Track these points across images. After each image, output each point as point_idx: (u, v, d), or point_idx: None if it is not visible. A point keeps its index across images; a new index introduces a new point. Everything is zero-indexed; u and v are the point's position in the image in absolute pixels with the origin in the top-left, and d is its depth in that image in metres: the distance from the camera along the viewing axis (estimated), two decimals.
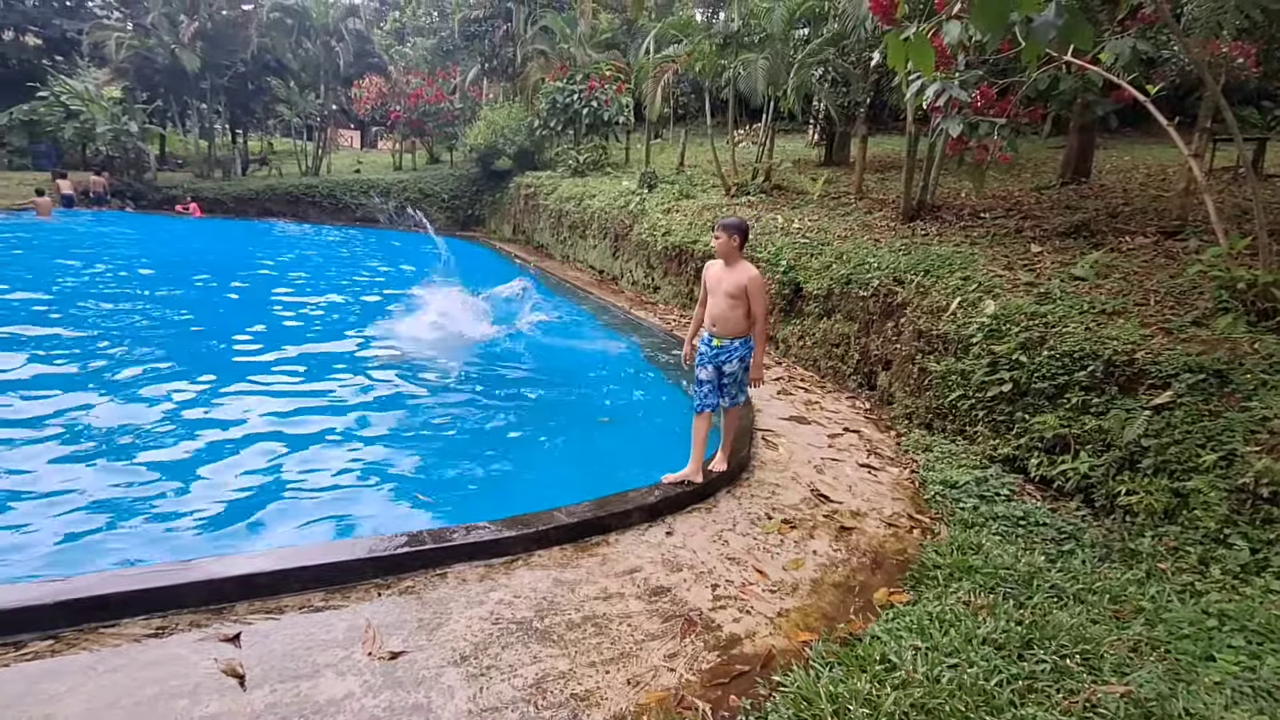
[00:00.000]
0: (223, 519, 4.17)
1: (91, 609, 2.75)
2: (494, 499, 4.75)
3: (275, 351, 7.51)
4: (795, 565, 3.76)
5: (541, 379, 7.37)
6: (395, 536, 3.41)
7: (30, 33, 26.38)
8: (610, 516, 3.87)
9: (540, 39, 19.48)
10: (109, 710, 2.37)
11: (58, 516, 4.04)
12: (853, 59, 10.53)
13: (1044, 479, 4.70)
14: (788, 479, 4.81)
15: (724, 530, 4.03)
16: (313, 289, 11.65)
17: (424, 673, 2.68)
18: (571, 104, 16.84)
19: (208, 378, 6.45)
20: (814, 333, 7.41)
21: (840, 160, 13.28)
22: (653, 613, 3.20)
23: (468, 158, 21.96)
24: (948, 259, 6.38)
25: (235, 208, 21.34)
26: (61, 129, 21.09)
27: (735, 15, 10.68)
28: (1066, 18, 3.19)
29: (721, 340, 4.26)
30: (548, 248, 16.17)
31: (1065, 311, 5.07)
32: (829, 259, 7.43)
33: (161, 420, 5.46)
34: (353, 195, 22.09)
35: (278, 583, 3.01)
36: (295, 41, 24.08)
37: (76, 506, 4.16)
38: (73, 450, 4.84)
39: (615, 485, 4.21)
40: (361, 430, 5.63)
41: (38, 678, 2.48)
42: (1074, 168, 9.23)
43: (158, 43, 21.25)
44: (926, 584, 3.52)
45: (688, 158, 15.65)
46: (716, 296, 4.24)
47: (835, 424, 6.02)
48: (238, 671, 2.59)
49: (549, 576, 3.39)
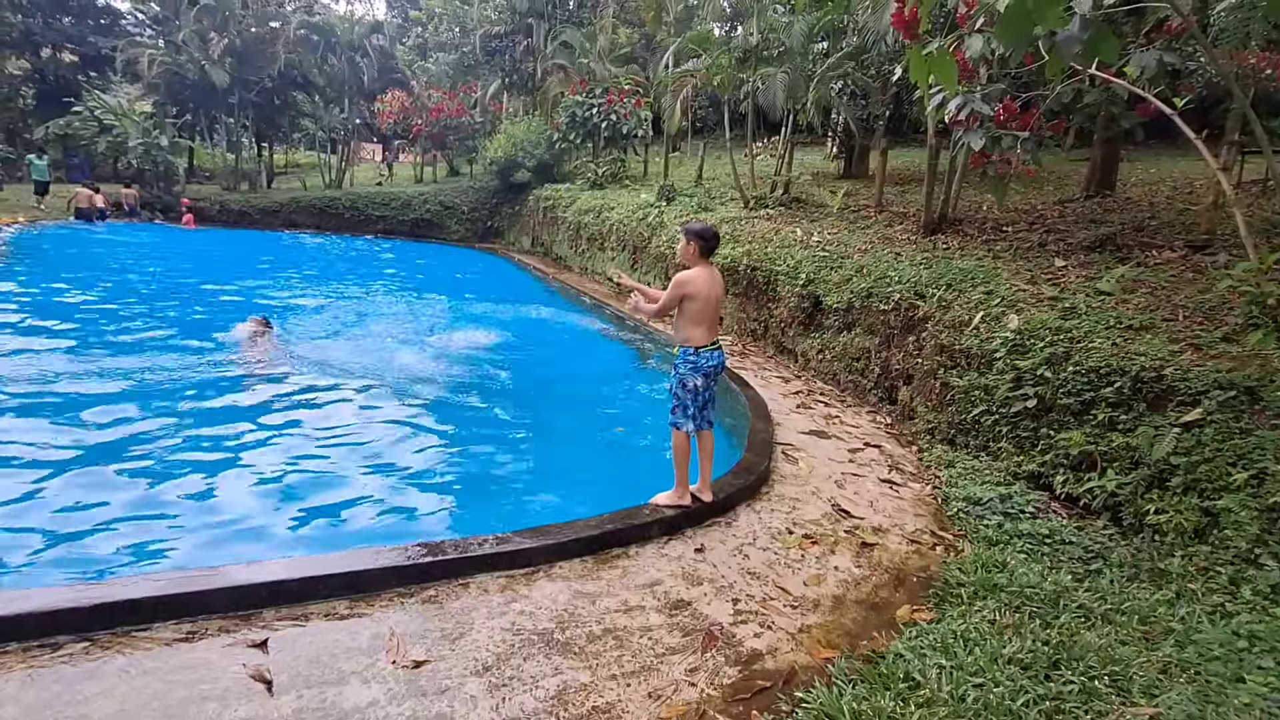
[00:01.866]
0: (248, 526, 4.23)
1: (124, 613, 2.80)
2: (513, 509, 4.79)
3: (294, 362, 7.63)
4: (816, 581, 3.73)
5: (557, 391, 7.42)
6: (418, 545, 3.44)
7: (67, 49, 27.21)
8: (630, 529, 3.88)
9: (560, 54, 19.74)
10: (141, 712, 2.41)
11: (88, 521, 4.13)
12: (872, 72, 10.56)
13: (1070, 496, 4.63)
14: (808, 494, 4.78)
15: (744, 545, 4.01)
16: (310, 295, 11.83)
17: (446, 682, 2.69)
18: (590, 118, 17.01)
19: (226, 382, 6.57)
20: (834, 346, 7.38)
21: (860, 173, 13.27)
22: (673, 626, 3.19)
23: (488, 171, 22.24)
24: (970, 273, 6.34)
25: (261, 219, 21.77)
26: (95, 142, 21.71)
27: (755, 30, 10.75)
28: (1091, 30, 3.19)
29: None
30: (566, 260, 16.29)
31: (1091, 326, 5.01)
32: (849, 272, 7.42)
33: (186, 425, 5.57)
34: (375, 208, 22.44)
35: (304, 590, 3.05)
36: (321, 57, 24.63)
37: (105, 512, 4.25)
38: (98, 458, 4.95)
39: (633, 498, 4.22)
40: (383, 440, 5.69)
41: (74, 679, 2.53)
42: (1098, 181, 9.14)
43: (188, 59, 21.82)
44: (950, 602, 3.48)
45: (706, 171, 15.72)
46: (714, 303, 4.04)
47: (856, 439, 5.98)
48: (265, 677, 2.62)
49: (569, 588, 3.40)
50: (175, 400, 6.13)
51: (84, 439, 5.19)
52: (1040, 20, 2.85)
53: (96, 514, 4.22)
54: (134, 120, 21.69)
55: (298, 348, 8.10)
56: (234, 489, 4.67)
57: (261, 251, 17.16)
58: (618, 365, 8.75)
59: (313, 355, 7.86)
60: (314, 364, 7.53)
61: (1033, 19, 2.79)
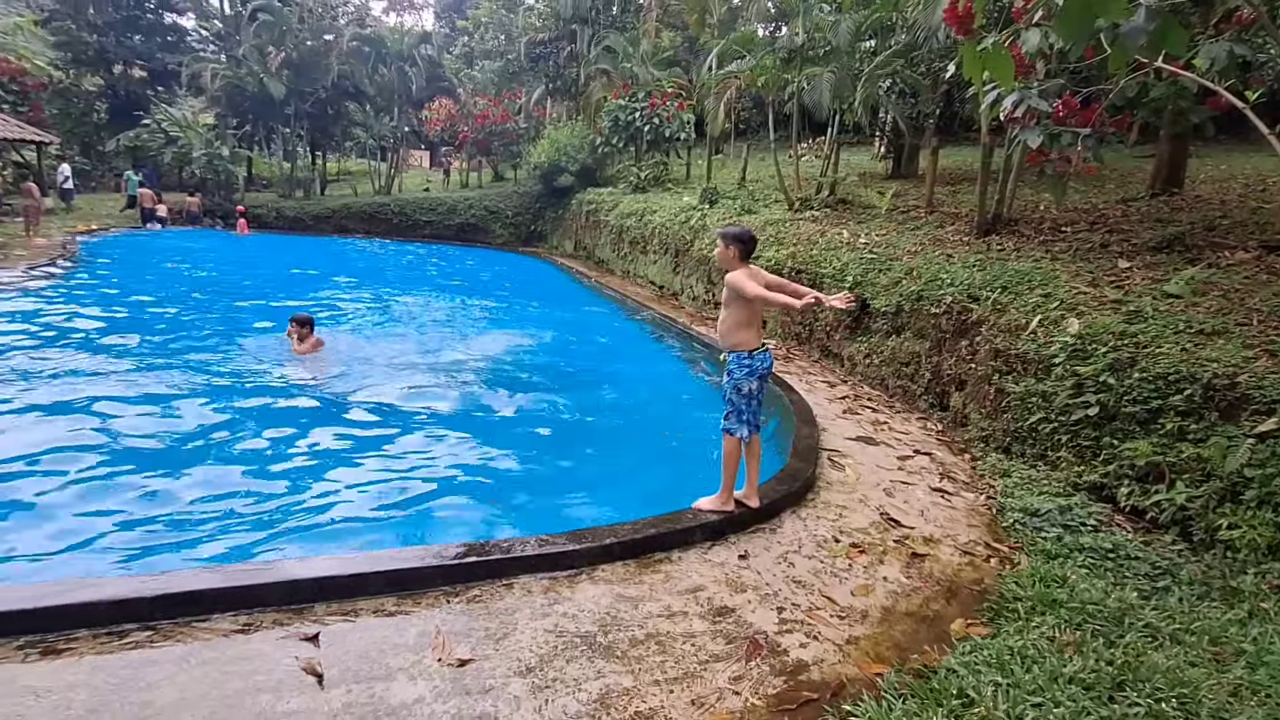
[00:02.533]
0: (298, 522, 4.35)
1: (185, 604, 2.91)
2: (554, 511, 4.81)
3: (346, 365, 7.84)
4: (865, 591, 3.64)
5: (601, 394, 7.44)
6: (463, 545, 3.49)
7: (137, 66, 28.70)
8: (672, 534, 3.85)
9: (603, 59, 19.88)
10: (200, 701, 2.49)
11: (148, 513, 4.32)
12: (922, 70, 10.31)
13: (1135, 509, 4.41)
14: (855, 501, 4.67)
15: (789, 552, 3.94)
16: (362, 298, 12.13)
17: (491, 682, 2.71)
18: (633, 121, 17.07)
19: (279, 382, 6.79)
20: (882, 350, 7.21)
21: (909, 173, 12.96)
22: (716, 633, 3.15)
23: (531, 175, 22.54)
24: (1027, 275, 6.12)
25: (314, 225, 22.53)
26: (162, 153, 22.81)
27: (800, 29, 10.62)
28: (1158, 22, 3.03)
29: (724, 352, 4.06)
30: (608, 263, 16.36)
31: (1158, 331, 4.76)
32: (898, 275, 7.24)
33: (235, 424, 5.76)
34: (422, 213, 22.97)
35: (354, 586, 3.12)
36: (372, 68, 25.37)
37: (162, 506, 4.43)
38: (157, 453, 5.17)
39: (677, 502, 4.19)
40: (427, 440, 5.80)
41: (139, 665, 2.64)
42: (1165, 178, 8.71)
43: (248, 72, 22.76)
44: (1006, 617, 3.34)
45: (749, 173, 15.59)
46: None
47: (905, 445, 5.82)
48: (316, 670, 2.69)
49: (612, 591, 3.39)
50: (223, 399, 6.35)
51: (143, 435, 5.43)
52: (1103, 12, 2.72)
53: (154, 507, 4.40)
54: (198, 132, 22.74)
55: (344, 348, 8.33)
56: (283, 486, 4.81)
57: (312, 255, 17.75)
58: (662, 369, 8.74)
59: (358, 355, 8.06)
60: (359, 364, 7.72)
61: (1094, 11, 2.67)
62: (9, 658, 2.62)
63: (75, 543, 3.96)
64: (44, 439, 5.16)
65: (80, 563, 3.77)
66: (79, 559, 3.81)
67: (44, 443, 5.11)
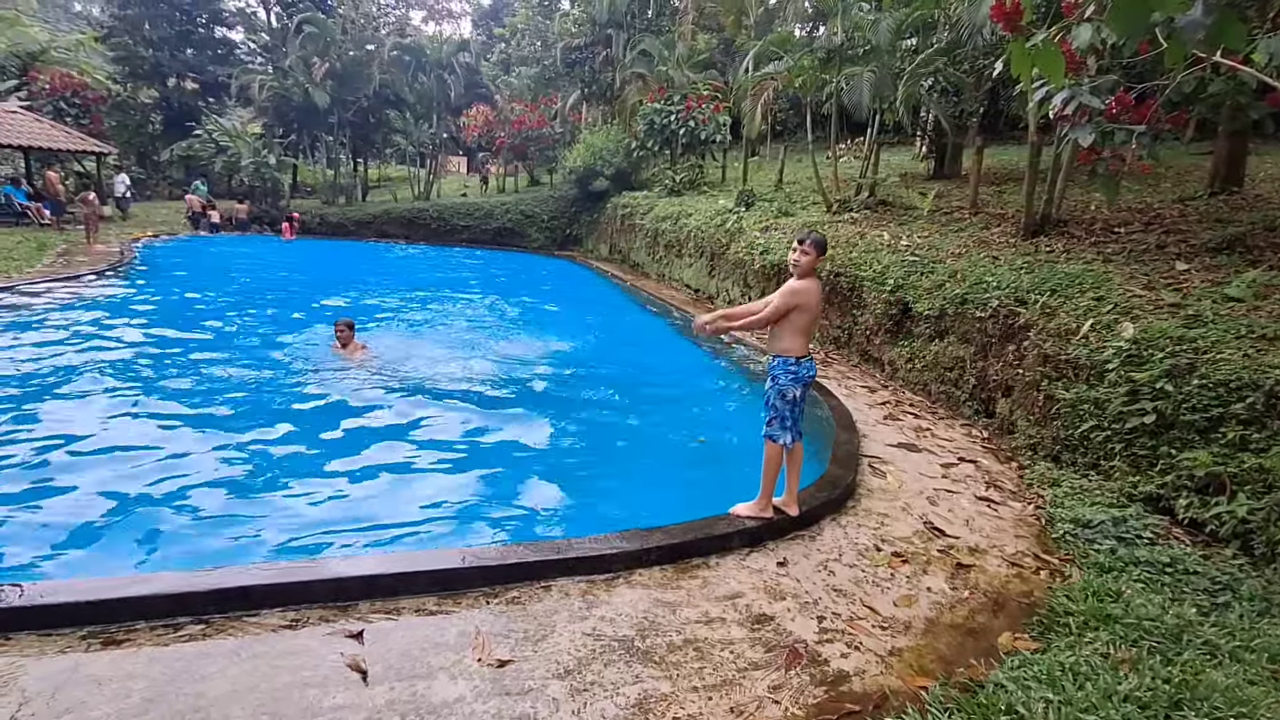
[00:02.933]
0: (341, 521, 4.44)
1: (237, 599, 3.00)
2: (593, 514, 4.82)
3: (379, 368, 8.00)
4: (908, 602, 3.56)
5: (637, 397, 7.44)
6: (503, 548, 3.52)
7: (189, 78, 29.86)
8: (710, 539, 3.82)
9: (639, 62, 19.93)
10: (250, 693, 2.57)
11: (199, 509, 4.46)
12: (966, 68, 10.08)
13: (1194, 522, 4.22)
14: (897, 509, 4.58)
15: (829, 560, 3.88)
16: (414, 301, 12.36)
17: (530, 683, 2.73)
18: (668, 124, 17.07)
19: (322, 384, 6.96)
20: (924, 355, 7.05)
21: (952, 173, 12.68)
22: (755, 641, 3.12)
23: (566, 180, 22.72)
24: (1077, 277, 5.92)
25: (356, 230, 23.11)
26: (213, 162, 23.66)
27: (839, 29, 10.50)
28: (1216, 15, 2.90)
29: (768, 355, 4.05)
30: (643, 266, 16.38)
31: (1219, 336, 4.56)
32: (941, 277, 7.08)
33: (285, 424, 5.92)
34: (459, 218, 23.35)
35: (397, 584, 3.18)
36: (412, 76, 25.92)
37: (211, 503, 4.57)
38: (207, 454, 5.34)
39: (713, 507, 4.16)
40: (465, 442, 5.87)
41: (193, 658, 2.73)
42: (1224, 176, 8.34)
43: (294, 83, 23.49)
44: (1057, 631, 3.24)
45: (787, 175, 15.45)
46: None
47: (949, 453, 5.68)
48: (361, 667, 2.74)
49: (649, 596, 3.38)
50: (268, 400, 6.54)
51: (194, 435, 5.62)
52: (1158, 6, 2.62)
53: (203, 504, 4.54)
54: (246, 141, 23.55)
55: (386, 352, 8.50)
56: (327, 486, 4.92)
57: (353, 260, 18.20)
58: (698, 373, 8.70)
59: (399, 358, 8.21)
60: (400, 367, 7.86)
61: (1150, 5, 2.57)
62: (73, 647, 2.73)
63: (124, 538, 4.10)
64: (102, 438, 5.39)
65: (133, 557, 3.91)
66: (129, 552, 3.95)
67: (103, 442, 5.33)
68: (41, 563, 3.79)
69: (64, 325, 8.85)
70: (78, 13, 50.79)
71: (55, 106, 22.09)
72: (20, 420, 5.58)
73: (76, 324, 8.97)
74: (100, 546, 4.01)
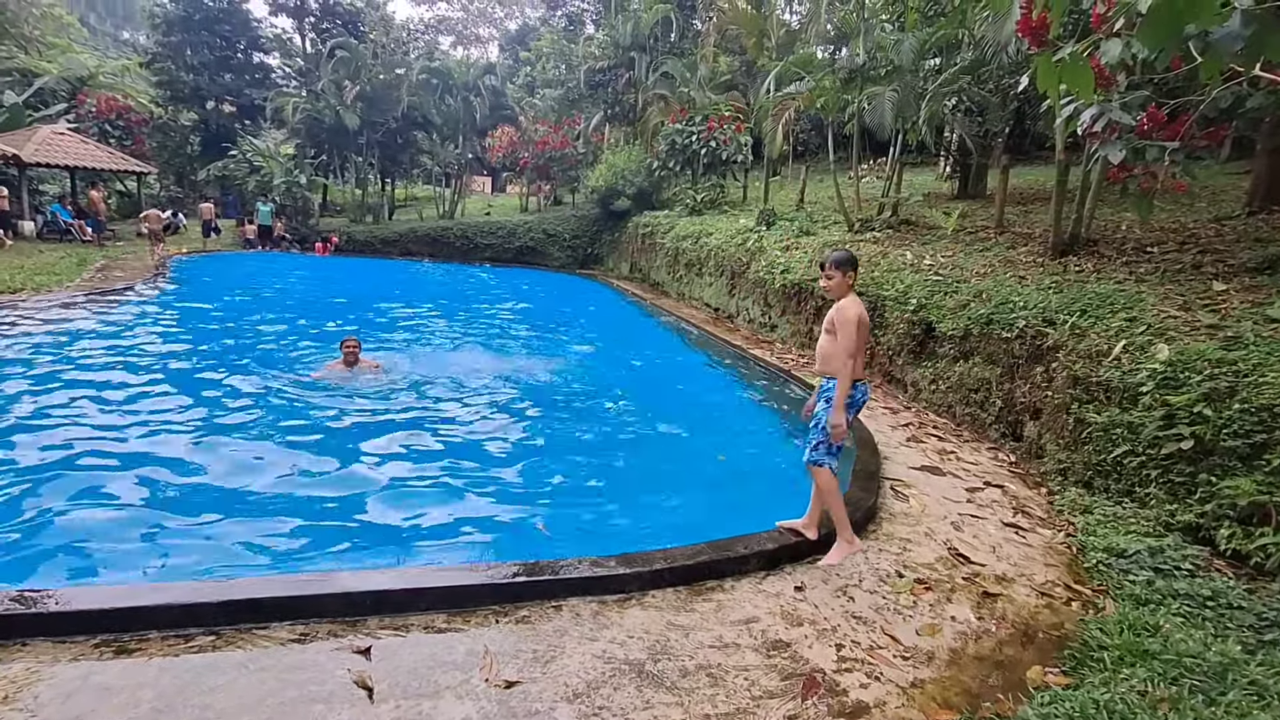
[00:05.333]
0: (353, 534, 4.43)
1: (246, 611, 2.98)
2: (606, 533, 4.74)
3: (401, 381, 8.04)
4: (931, 631, 3.43)
5: (656, 415, 7.37)
6: (514, 565, 3.46)
7: (227, 101, 30.85)
8: (725, 561, 3.73)
9: (661, 84, 20.14)
10: (257, 707, 2.53)
11: (206, 520, 4.47)
12: (990, 86, 10.00)
13: (1237, 553, 4.02)
14: (920, 534, 4.44)
15: (849, 585, 3.76)
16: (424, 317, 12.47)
17: (537, 706, 2.66)
18: (690, 144, 17.17)
19: (334, 400, 7.00)
20: (948, 376, 6.90)
21: (977, 193, 12.53)
22: (771, 668, 3.01)
23: (589, 199, 22.91)
24: (1108, 298, 5.76)
25: (383, 248, 23.51)
26: (246, 182, 24.30)
27: (860, 50, 10.49)
28: (1254, 27, 2.81)
29: (819, 377, 3.88)
30: (664, 285, 16.39)
31: (1261, 358, 4.38)
32: (966, 297, 6.94)
33: (296, 437, 5.96)
34: (483, 236, 23.65)
35: (406, 601, 3.14)
36: (439, 99, 26.45)
37: (222, 514, 4.58)
38: (218, 466, 5.38)
39: (730, 528, 4.07)
40: (478, 458, 5.84)
41: (201, 670, 2.71)
42: (1264, 194, 8.10)
43: (325, 105, 24.12)
44: (1090, 666, 3.08)
45: (808, 194, 15.42)
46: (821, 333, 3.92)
47: (974, 477, 5.52)
48: (367, 684, 2.69)
49: (662, 618, 3.30)
50: (281, 414, 6.57)
51: (205, 446, 5.68)
52: (1193, 18, 2.53)
53: (212, 515, 4.54)
54: (279, 161, 24.18)
55: (398, 366, 8.55)
56: (335, 501, 4.89)
57: (380, 277, 18.48)
58: (716, 390, 8.62)
59: (414, 374, 8.24)
60: (415, 383, 7.88)
61: (1183, 18, 2.49)
62: (86, 655, 2.73)
63: (135, 547, 4.10)
64: (117, 447, 5.46)
65: (144, 565, 3.91)
66: (138, 561, 3.94)
67: (117, 449, 5.40)
68: (53, 569, 3.82)
69: (93, 335, 9.06)
70: (125, 40, 53.13)
71: (101, 128, 22.94)
72: (38, 430, 5.66)
73: (102, 336, 9.17)
74: (110, 554, 4.01)
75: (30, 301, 10.53)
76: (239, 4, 30.40)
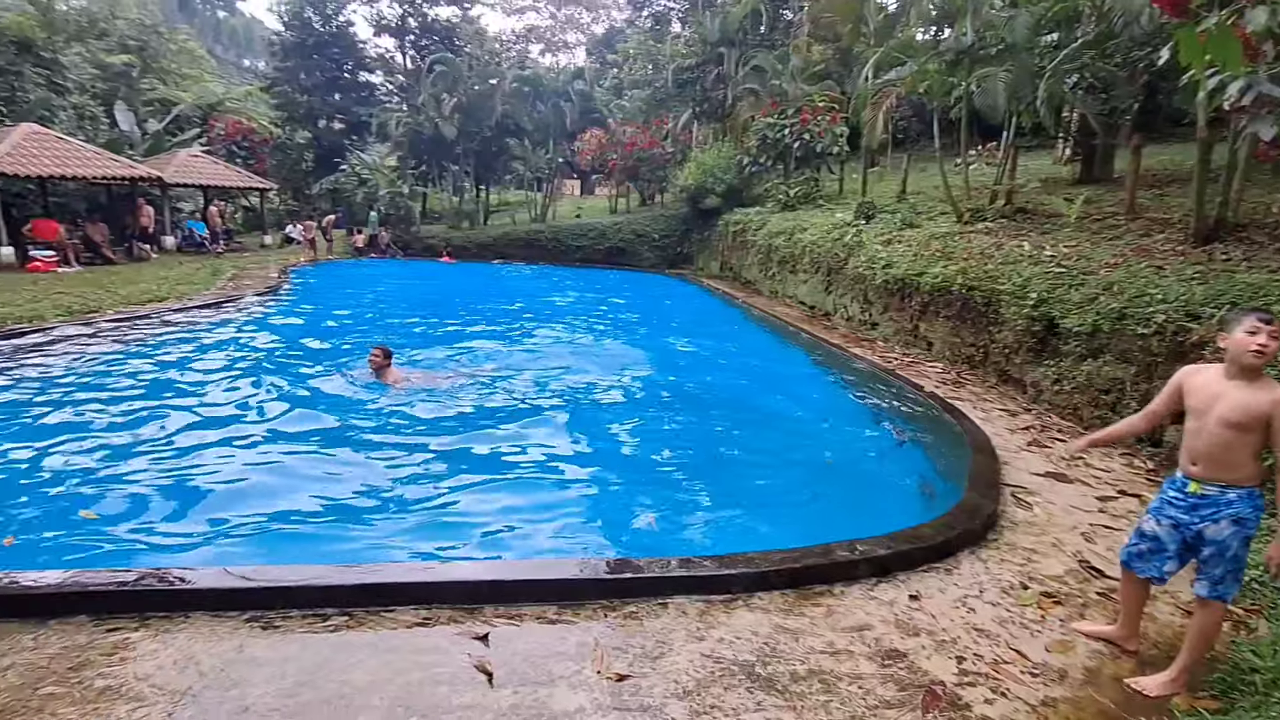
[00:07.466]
0: (461, 525, 4.61)
1: (376, 594, 3.19)
2: (710, 531, 4.73)
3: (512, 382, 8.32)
4: (1062, 648, 3.20)
5: (757, 413, 7.27)
6: (621, 561, 3.52)
7: (337, 119, 33.21)
8: (833, 566, 3.63)
9: (751, 78, 19.82)
10: (387, 685, 2.70)
11: (334, 508, 4.80)
12: (1117, 60, 9.19)
13: None
14: (1047, 545, 4.15)
15: (968, 596, 3.56)
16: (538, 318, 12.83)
17: (648, 700, 2.68)
18: (782, 138, 16.81)
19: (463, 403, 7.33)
20: (1074, 376, 6.39)
21: (1103, 177, 11.53)
22: (886, 678, 2.90)
23: (677, 198, 22.90)
24: (1262, 289, 5.17)
25: (478, 253, 24.51)
26: (355, 194, 26.01)
27: (967, 29, 9.89)
28: None
29: (1206, 486, 2.85)
30: (755, 283, 16.15)
31: None
32: (1094, 290, 6.40)
33: (416, 432, 6.28)
34: (574, 238, 24.18)
35: (519, 591, 3.25)
36: (530, 106, 27.28)
37: (348, 501, 4.91)
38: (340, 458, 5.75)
39: (837, 530, 3.96)
40: (577, 456, 5.96)
41: (337, 647, 2.92)
42: None
43: (425, 118, 25.41)
44: (1240, 690, 2.82)
45: (910, 185, 14.74)
46: (1205, 421, 2.84)
47: (1106, 485, 5.10)
48: (487, 669, 2.82)
49: (770, 621, 3.25)
50: (371, 414, 6.94)
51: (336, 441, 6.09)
52: None
53: (339, 502, 4.88)
54: (383, 173, 25.76)
55: (503, 364, 8.83)
56: (441, 493, 5.09)
57: (477, 280, 19.29)
58: (815, 390, 8.39)
59: (510, 374, 8.42)
60: (514, 383, 8.08)
61: None
62: (239, 629, 3.00)
63: (267, 530, 4.46)
64: (255, 443, 5.95)
65: (279, 548, 4.23)
66: (272, 544, 4.28)
67: (252, 443, 5.90)
68: (198, 550, 4.19)
69: (227, 340, 9.95)
70: (246, 67, 58.37)
71: (229, 150, 25.23)
72: (189, 428, 6.25)
73: (236, 338, 10.07)
74: (243, 538, 4.35)
75: (179, 307, 11.71)
76: (346, 27, 32.60)
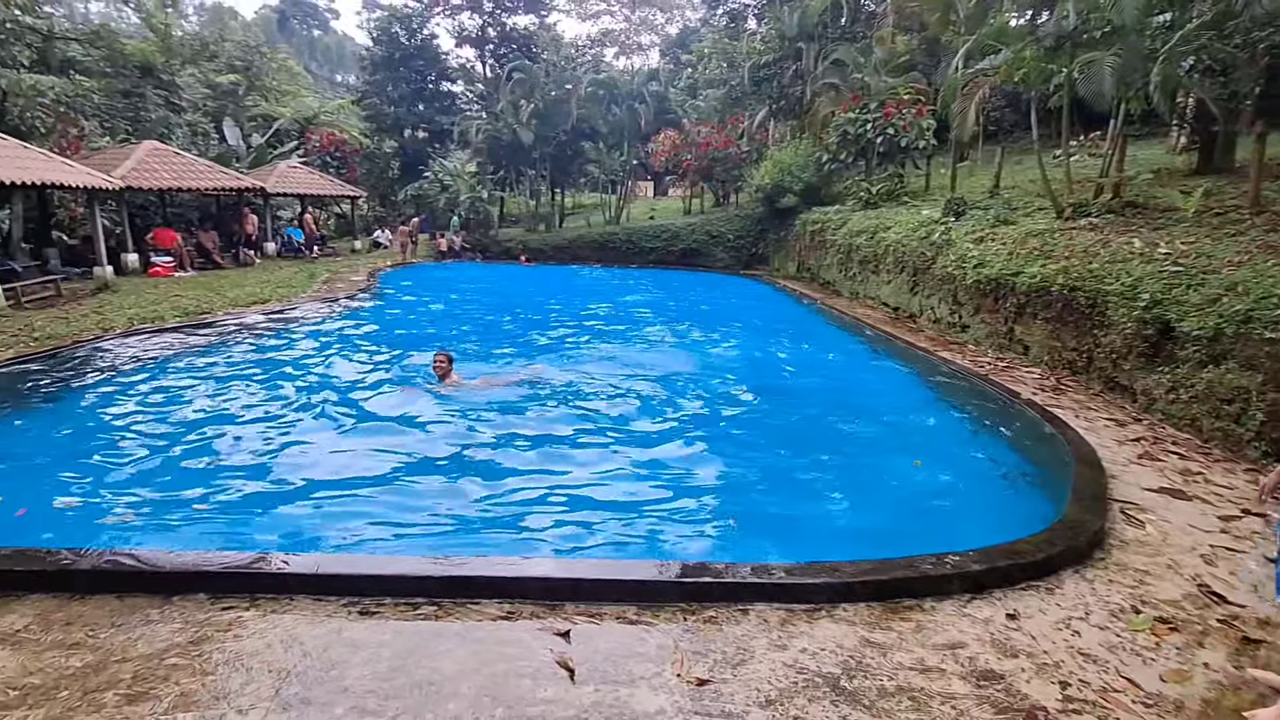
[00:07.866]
0: (537, 523, 4.70)
1: (463, 587, 3.29)
2: (793, 534, 4.64)
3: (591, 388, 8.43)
4: (1179, 678, 2.95)
5: (839, 418, 7.07)
6: (701, 565, 3.50)
7: (421, 128, 34.74)
8: (924, 579, 3.48)
9: (830, 72, 19.27)
10: (474, 675, 2.79)
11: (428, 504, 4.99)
12: (1237, 41, 8.39)
13: None
14: (1161, 566, 3.83)
15: (1072, 618, 3.33)
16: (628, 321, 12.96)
17: (730, 707, 2.65)
18: (864, 133, 16.27)
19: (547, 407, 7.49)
20: (1192, 384, 5.87)
21: (1224, 167, 10.54)
22: (982, 699, 2.75)
23: (753, 198, 22.58)
24: None
25: (554, 254, 25.01)
26: (438, 200, 27.09)
27: (1069, 12, 9.26)
28: None
29: None
30: (834, 284, 15.71)
31: None
32: (1215, 290, 5.86)
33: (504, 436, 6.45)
34: (647, 240, 24.27)
35: (599, 591, 3.29)
36: (605, 109, 27.56)
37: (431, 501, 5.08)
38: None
39: (926, 539, 3.79)
40: (654, 460, 5.95)
41: (427, 635, 3.04)
42: None
43: (504, 125, 26.14)
44: None
45: (1004, 179, 13.95)
46: None
47: (1229, 503, 4.66)
48: (569, 665, 2.86)
49: (855, 634, 3.15)
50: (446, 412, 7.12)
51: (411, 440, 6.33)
52: None
53: (423, 494, 5.06)
54: (464, 179, 26.69)
55: (584, 367, 8.95)
56: (521, 490, 5.21)
57: (554, 282, 19.70)
58: (902, 394, 8.07)
59: (591, 377, 8.52)
60: (597, 386, 8.17)
61: None
62: (337, 613, 3.17)
63: (360, 522, 4.66)
64: (345, 442, 6.25)
65: (370, 538, 4.42)
66: (363, 535, 4.47)
67: (349, 445, 6.22)
68: (297, 536, 4.45)
69: (329, 337, 10.56)
70: (338, 81, 61.91)
71: (323, 160, 26.81)
72: (294, 424, 6.65)
73: (334, 336, 10.68)
74: (339, 527, 4.58)
75: (283, 307, 12.54)
76: (430, 40, 34.02)
